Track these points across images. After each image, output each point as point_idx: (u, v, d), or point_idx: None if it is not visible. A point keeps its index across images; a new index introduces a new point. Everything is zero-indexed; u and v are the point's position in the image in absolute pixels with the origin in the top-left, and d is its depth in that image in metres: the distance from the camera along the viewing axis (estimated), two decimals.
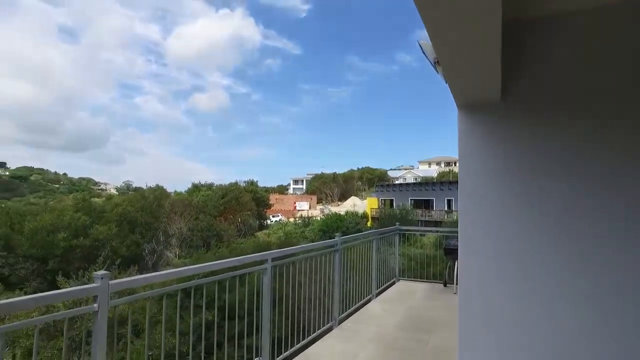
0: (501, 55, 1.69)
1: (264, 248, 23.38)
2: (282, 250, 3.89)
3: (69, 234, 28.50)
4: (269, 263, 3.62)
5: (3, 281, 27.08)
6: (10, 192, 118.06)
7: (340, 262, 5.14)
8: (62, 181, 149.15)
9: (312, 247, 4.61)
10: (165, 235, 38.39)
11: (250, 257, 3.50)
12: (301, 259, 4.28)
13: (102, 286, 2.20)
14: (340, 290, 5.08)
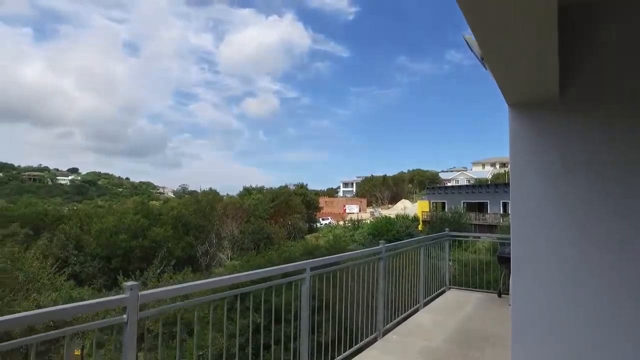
0: (557, 46, 1.46)
1: (311, 251, 23.42)
2: (321, 260, 3.76)
3: (129, 235, 30.16)
4: (308, 273, 3.49)
5: (75, 277, 29.15)
6: (81, 196, 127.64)
7: (385, 270, 4.92)
8: (125, 185, 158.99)
9: (354, 255, 4.44)
10: (217, 238, 39.66)
11: (288, 266, 3.39)
12: (342, 268, 4.12)
13: (131, 297, 2.18)
14: (384, 299, 4.86)
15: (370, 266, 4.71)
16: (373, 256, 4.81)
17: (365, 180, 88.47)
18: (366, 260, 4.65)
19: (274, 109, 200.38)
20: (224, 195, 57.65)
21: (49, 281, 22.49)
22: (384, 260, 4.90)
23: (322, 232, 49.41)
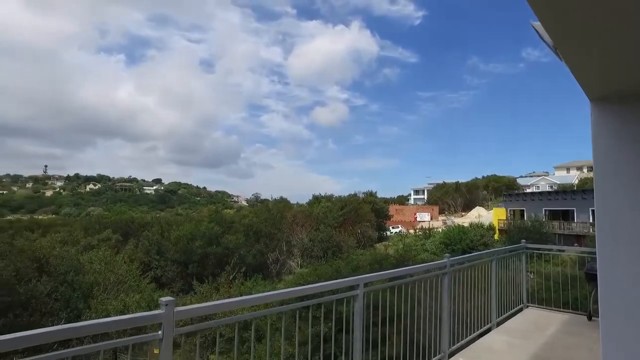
0: None
1: (380, 261, 22.87)
2: (376, 275, 3.49)
3: (204, 242, 31.73)
4: (361, 289, 3.24)
5: (157, 281, 31.30)
6: (164, 204, 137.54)
7: (450, 286, 4.50)
8: (203, 194, 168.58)
9: (413, 270, 4.10)
10: (287, 245, 40.36)
11: (338, 282, 3.17)
12: (400, 284, 3.81)
13: (166, 313, 2.10)
14: (450, 318, 4.44)
15: (433, 281, 4.33)
16: (436, 270, 4.42)
17: (436, 187, 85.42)
18: (428, 275, 4.28)
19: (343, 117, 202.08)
20: (295, 204, 58.76)
21: (135, 283, 24.29)
22: (449, 275, 4.48)
23: (392, 240, 48.32)
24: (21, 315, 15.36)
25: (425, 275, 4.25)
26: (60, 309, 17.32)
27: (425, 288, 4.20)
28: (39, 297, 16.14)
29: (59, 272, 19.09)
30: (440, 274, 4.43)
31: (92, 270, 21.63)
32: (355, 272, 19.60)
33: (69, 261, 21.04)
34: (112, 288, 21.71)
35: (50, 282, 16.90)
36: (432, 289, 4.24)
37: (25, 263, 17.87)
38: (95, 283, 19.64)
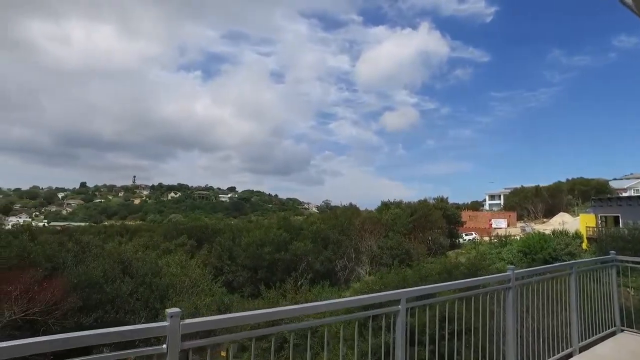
0: None
1: (450, 270, 21.65)
2: (422, 289, 3.10)
3: (273, 248, 32.36)
4: (403, 304, 2.87)
5: (228, 285, 32.51)
6: (238, 211, 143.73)
7: (516, 303, 3.91)
8: (274, 202, 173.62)
9: (465, 284, 3.59)
10: (356, 252, 39.92)
11: (377, 296, 2.84)
12: (452, 299, 3.36)
13: (171, 326, 1.94)
14: (516, 340, 3.85)
15: (495, 297, 3.79)
16: (500, 284, 3.87)
17: (514, 191, 79.92)
18: (489, 289, 3.75)
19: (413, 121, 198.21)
20: (363, 210, 58.19)
21: (207, 287, 25.35)
22: (515, 290, 3.90)
23: (465, 248, 45.93)
24: (109, 312, 16.60)
25: (485, 289, 3.72)
26: (140, 308, 18.50)
27: (485, 304, 3.68)
28: (122, 296, 17.35)
29: (140, 273, 20.48)
30: (503, 289, 3.87)
31: (168, 273, 22.94)
32: (422, 282, 18.72)
33: (149, 264, 22.54)
34: (186, 290, 22.82)
35: (132, 283, 18.12)
36: (493, 305, 3.71)
37: (112, 265, 19.35)
38: (170, 285, 20.76)
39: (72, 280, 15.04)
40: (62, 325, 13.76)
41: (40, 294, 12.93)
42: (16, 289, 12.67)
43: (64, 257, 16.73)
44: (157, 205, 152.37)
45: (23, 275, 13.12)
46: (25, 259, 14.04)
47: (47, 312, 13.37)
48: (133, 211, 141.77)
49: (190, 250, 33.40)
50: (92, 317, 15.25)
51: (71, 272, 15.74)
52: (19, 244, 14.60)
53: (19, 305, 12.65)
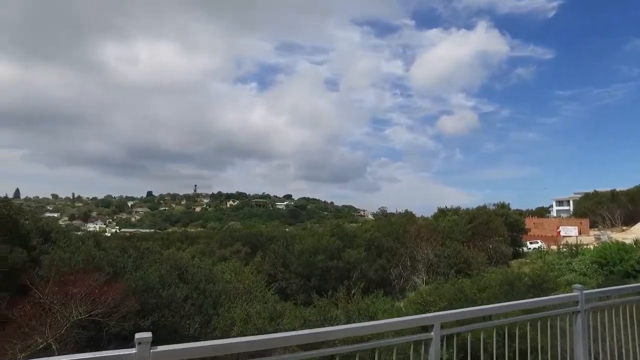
0: None
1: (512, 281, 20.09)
2: (461, 312, 2.59)
3: (326, 256, 32.11)
4: (437, 330, 2.39)
5: (282, 292, 32.66)
6: (294, 219, 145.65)
7: (586, 331, 3.25)
8: (330, 209, 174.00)
9: (518, 306, 2.99)
10: (411, 260, 38.69)
11: (403, 320, 2.40)
12: (501, 324, 2.80)
13: (139, 354, 1.63)
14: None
15: (558, 323, 3.16)
16: (563, 307, 3.23)
17: (585, 197, 73.89)
18: (546, 314, 3.12)
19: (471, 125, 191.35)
20: (419, 217, 56.56)
21: (260, 294, 25.54)
22: (584, 315, 3.23)
23: (529, 257, 42.99)
24: (166, 316, 17.10)
25: (542, 314, 3.10)
26: (195, 313, 18.92)
27: (545, 331, 3.06)
28: (177, 301, 17.82)
29: (194, 279, 21.01)
30: (569, 313, 3.22)
31: (222, 280, 23.36)
32: (480, 294, 17.49)
33: (204, 270, 23.11)
34: (239, 297, 23.09)
35: (186, 289, 18.58)
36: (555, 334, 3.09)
37: (169, 270, 20.00)
38: (223, 292, 21.08)
39: (131, 284, 15.66)
40: (121, 327, 14.32)
41: (101, 297, 13.51)
42: (81, 291, 13.34)
43: (125, 262, 17.51)
44: (217, 213, 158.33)
45: (87, 279, 13.80)
46: (90, 263, 14.82)
47: (108, 313, 13.95)
48: (194, 219, 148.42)
49: (245, 257, 34.01)
50: (149, 320, 15.75)
51: (130, 276, 16.41)
52: (85, 250, 15.48)
53: (84, 306, 13.28)
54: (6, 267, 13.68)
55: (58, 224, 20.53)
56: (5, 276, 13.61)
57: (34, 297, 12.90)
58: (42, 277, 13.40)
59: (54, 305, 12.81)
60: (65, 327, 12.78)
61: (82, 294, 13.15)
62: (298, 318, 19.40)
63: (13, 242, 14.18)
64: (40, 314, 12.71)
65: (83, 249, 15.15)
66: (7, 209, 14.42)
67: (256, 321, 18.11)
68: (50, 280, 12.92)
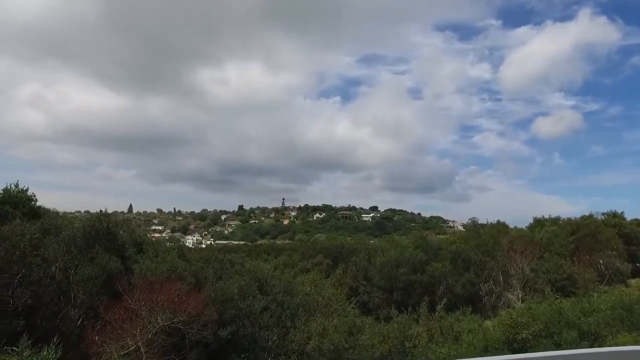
0: None
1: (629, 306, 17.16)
2: None
3: (409, 269, 30.88)
4: None
5: (364, 306, 32.02)
6: (380, 231, 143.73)
7: None
8: (417, 220, 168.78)
9: None
10: (504, 275, 35.72)
11: None
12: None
13: None
14: None
15: None
16: None
17: None
18: None
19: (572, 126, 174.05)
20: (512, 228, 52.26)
21: (340, 307, 25.21)
22: None
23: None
24: (245, 326, 17.59)
25: None
26: (273, 325, 19.19)
27: None
28: (255, 313, 18.22)
29: (274, 291, 21.40)
30: None
31: (302, 292, 23.50)
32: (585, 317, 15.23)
33: (283, 282, 23.47)
34: (318, 310, 23.00)
35: (264, 300, 18.95)
36: None
37: (248, 282, 20.62)
38: (301, 304, 21.15)
39: (211, 294, 16.35)
40: (202, 335, 14.95)
41: (182, 305, 14.24)
42: (165, 299, 14.19)
43: (206, 273, 18.43)
44: (304, 226, 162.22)
45: (170, 287, 14.66)
46: (173, 273, 15.78)
47: (189, 322, 14.64)
48: (282, 231, 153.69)
49: (326, 270, 34.05)
50: (228, 330, 16.27)
51: (211, 287, 17.16)
52: (170, 260, 16.56)
53: (167, 313, 14.08)
54: (105, 274, 15.10)
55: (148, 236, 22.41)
56: (105, 282, 15.03)
57: (126, 303, 14.05)
58: (133, 285, 14.56)
59: (141, 310, 13.82)
60: (152, 332, 13.67)
61: (165, 302, 14.01)
62: (377, 334, 18.70)
63: (111, 251, 15.64)
64: (131, 318, 13.78)
65: (168, 260, 16.23)
66: (106, 222, 16.02)
67: (332, 335, 17.80)
68: (138, 287, 14.01)
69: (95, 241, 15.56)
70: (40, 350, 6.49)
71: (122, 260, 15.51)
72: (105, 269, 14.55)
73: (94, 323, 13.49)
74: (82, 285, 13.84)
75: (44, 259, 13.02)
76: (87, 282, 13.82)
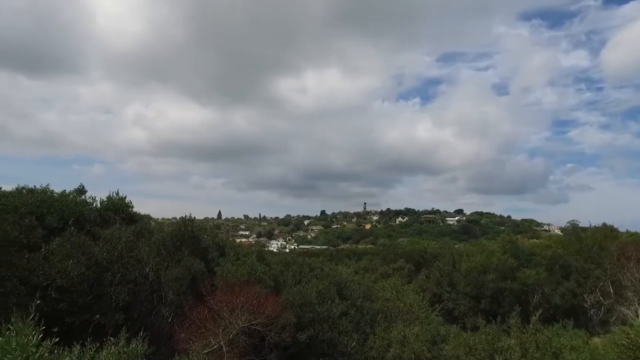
0: None
1: None
2: None
3: (497, 276, 28.70)
4: None
5: (449, 314, 30.39)
6: (466, 235, 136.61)
7: None
8: (507, 223, 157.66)
9: None
10: (615, 286, 31.64)
11: None
12: None
13: None
14: None
15: None
16: None
17: None
18: None
19: None
20: (623, 232, 46.25)
21: (423, 314, 24.17)
22: None
23: None
24: (323, 330, 17.55)
25: None
26: (352, 330, 18.91)
27: None
28: (333, 317, 18.08)
29: (353, 296, 21.12)
30: None
31: (381, 298, 22.92)
32: None
33: (363, 287, 23.09)
34: (400, 317, 22.25)
35: (342, 305, 18.74)
36: None
37: (327, 286, 20.57)
38: (381, 310, 20.61)
39: (289, 298, 16.52)
40: (280, 338, 15.14)
41: (260, 308, 14.55)
42: (244, 301, 14.62)
43: (285, 277, 18.70)
44: (386, 230, 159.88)
45: (249, 290, 15.07)
46: (253, 276, 16.22)
47: (268, 324, 14.90)
48: (365, 235, 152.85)
49: (408, 275, 32.92)
50: (306, 334, 16.30)
51: (289, 290, 17.35)
52: (250, 264, 17.07)
53: (246, 315, 14.47)
54: (190, 275, 15.99)
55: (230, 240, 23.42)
56: (190, 283, 15.91)
57: (209, 303, 14.71)
58: (215, 287, 15.21)
59: (223, 311, 14.36)
60: (233, 333, 14.12)
61: (245, 304, 14.40)
62: (463, 345, 17.51)
63: (195, 254, 16.54)
64: (214, 318, 14.38)
65: (248, 263, 16.73)
66: (190, 227, 17.00)
67: (414, 344, 17.04)
68: (220, 289, 14.60)
69: (182, 244, 16.57)
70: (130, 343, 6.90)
71: (205, 263, 16.29)
72: (190, 271, 15.39)
73: (181, 321, 14.30)
74: (171, 285, 14.76)
75: (138, 260, 14.09)
76: (175, 282, 14.71)
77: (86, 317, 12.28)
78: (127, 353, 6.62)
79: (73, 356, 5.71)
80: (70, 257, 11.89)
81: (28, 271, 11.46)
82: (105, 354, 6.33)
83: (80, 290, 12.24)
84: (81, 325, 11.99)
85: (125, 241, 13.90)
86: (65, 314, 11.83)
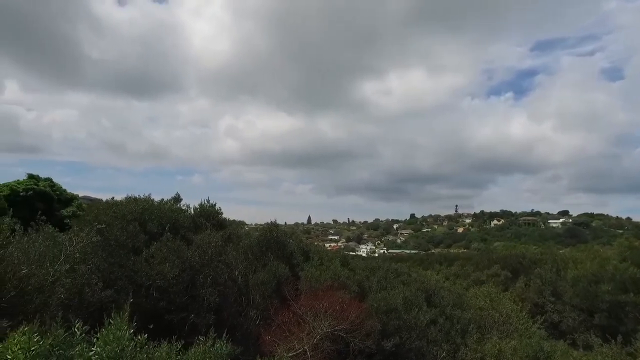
0: None
1: None
2: None
3: (615, 287, 25.19)
4: None
5: (554, 327, 27.43)
6: (574, 239, 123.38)
7: None
8: (626, 226, 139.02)
9: None
10: None
11: None
12: None
13: None
14: None
15: None
16: None
17: None
18: None
19: None
20: None
21: (523, 326, 22.15)
22: None
23: None
24: (411, 339, 16.91)
25: None
26: (442, 340, 17.95)
27: None
28: (421, 325, 17.34)
29: (442, 304, 20.08)
30: None
31: (474, 306, 21.48)
32: None
33: (454, 294, 21.83)
34: (495, 327, 20.65)
35: (430, 313, 17.89)
36: None
37: (414, 292, 19.81)
38: (473, 319, 19.30)
39: (373, 304, 16.18)
40: (364, 344, 14.86)
41: (344, 314, 14.42)
42: (327, 306, 14.63)
43: (371, 282, 18.36)
44: (480, 233, 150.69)
45: (332, 295, 15.04)
46: (336, 281, 16.16)
47: (351, 330, 14.72)
48: (457, 239, 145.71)
49: (504, 282, 30.43)
50: (392, 342, 15.82)
51: (374, 296, 17.00)
52: (334, 269, 17.05)
53: (329, 320, 14.46)
54: (276, 279, 16.43)
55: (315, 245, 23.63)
56: (275, 287, 16.35)
57: (293, 308, 14.96)
58: (299, 291, 15.44)
59: (307, 316, 14.49)
60: (317, 338, 14.17)
61: (328, 309, 14.37)
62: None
63: (280, 259, 16.97)
64: (299, 322, 14.58)
65: (332, 268, 16.73)
66: (275, 232, 17.49)
67: (511, 359, 15.66)
68: (303, 294, 14.76)
69: (268, 249, 17.10)
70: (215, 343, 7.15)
71: (290, 268, 16.61)
72: (275, 275, 15.80)
73: (267, 324, 14.72)
74: (258, 289, 15.30)
75: (227, 264, 14.82)
76: (261, 286, 15.21)
77: (182, 316, 13.20)
78: (212, 352, 6.84)
79: (162, 351, 6.03)
80: (167, 261, 12.89)
81: (134, 272, 12.62)
82: (192, 352, 6.61)
83: (177, 291, 13.19)
84: (179, 322, 12.91)
85: (215, 246, 14.70)
86: (165, 311, 12.83)
